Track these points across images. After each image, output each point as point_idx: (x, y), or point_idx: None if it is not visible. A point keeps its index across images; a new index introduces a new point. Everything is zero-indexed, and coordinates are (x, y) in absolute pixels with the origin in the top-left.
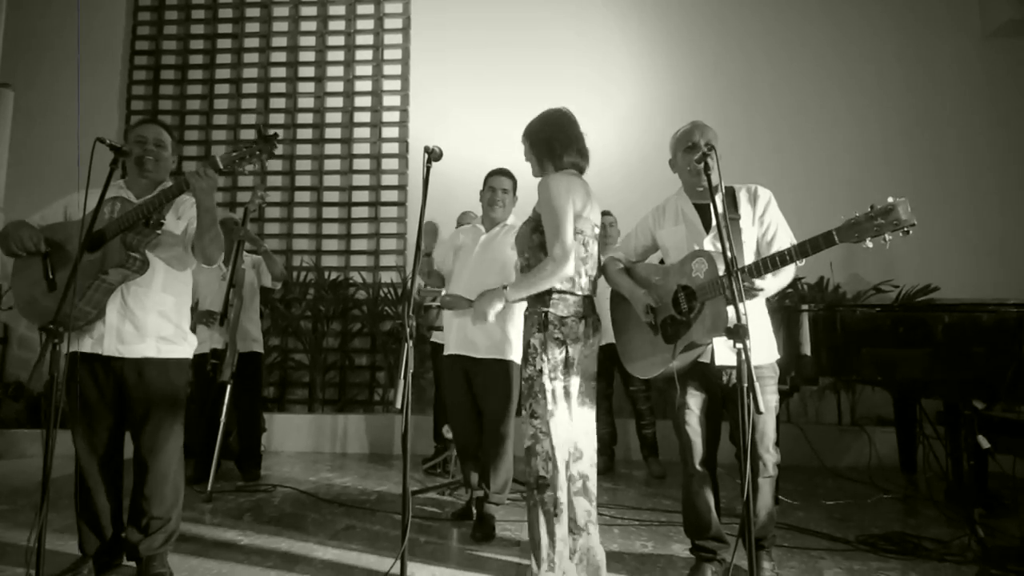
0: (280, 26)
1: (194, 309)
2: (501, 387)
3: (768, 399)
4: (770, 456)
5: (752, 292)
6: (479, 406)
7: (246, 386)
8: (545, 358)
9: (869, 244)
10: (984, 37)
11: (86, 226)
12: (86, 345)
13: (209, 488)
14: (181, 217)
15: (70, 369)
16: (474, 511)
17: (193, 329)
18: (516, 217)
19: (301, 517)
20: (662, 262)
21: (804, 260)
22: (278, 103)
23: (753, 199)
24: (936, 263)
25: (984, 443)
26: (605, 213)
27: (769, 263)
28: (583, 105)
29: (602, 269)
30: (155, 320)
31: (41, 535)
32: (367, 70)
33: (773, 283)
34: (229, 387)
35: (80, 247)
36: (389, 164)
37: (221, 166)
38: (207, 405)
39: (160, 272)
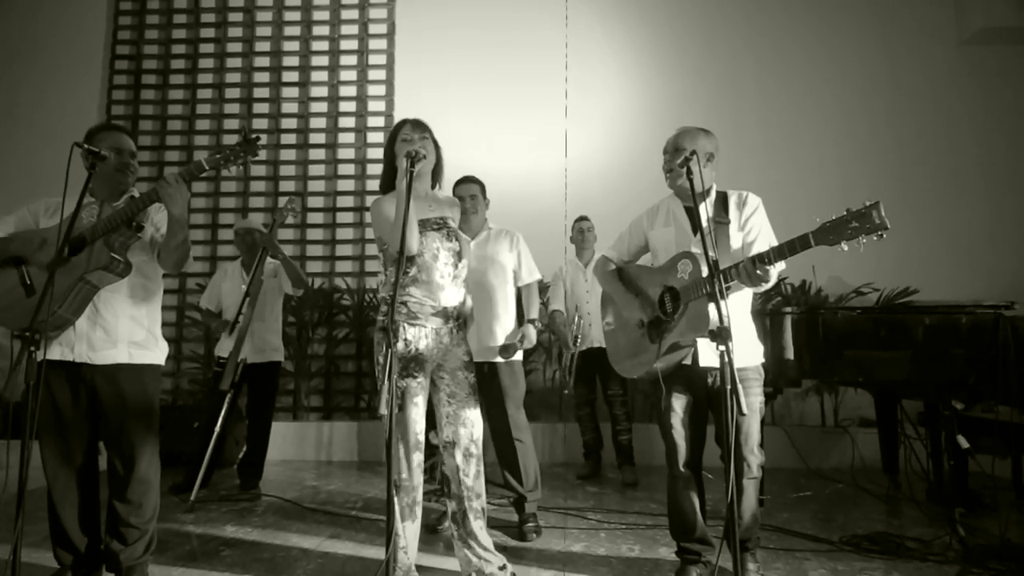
0: (263, 31)
1: (219, 317)
2: (519, 387)
3: (752, 401)
4: (754, 457)
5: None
6: (490, 411)
7: (261, 395)
8: None
9: (844, 247)
10: (959, 44)
11: (64, 230)
12: (56, 353)
13: (192, 498)
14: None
15: (39, 377)
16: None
17: (214, 337)
18: (496, 224)
19: (285, 526)
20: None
21: (783, 262)
22: (261, 108)
23: (741, 204)
24: (916, 266)
25: (964, 443)
26: (583, 218)
27: (747, 265)
28: (571, 106)
29: (595, 268)
30: (127, 325)
31: (16, 547)
32: (351, 75)
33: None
34: (228, 396)
35: (58, 251)
36: (374, 169)
37: (207, 167)
38: (205, 414)
39: (131, 277)
